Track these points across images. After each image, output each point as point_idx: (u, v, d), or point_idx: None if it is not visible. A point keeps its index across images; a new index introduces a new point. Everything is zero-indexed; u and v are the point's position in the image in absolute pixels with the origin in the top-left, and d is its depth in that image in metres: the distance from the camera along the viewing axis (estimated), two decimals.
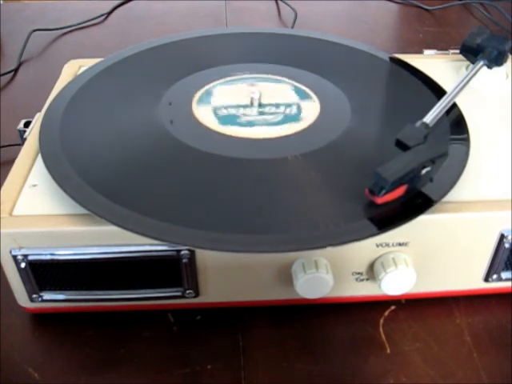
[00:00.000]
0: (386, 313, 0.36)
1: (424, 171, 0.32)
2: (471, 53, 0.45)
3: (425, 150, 0.32)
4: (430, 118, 0.36)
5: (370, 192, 0.31)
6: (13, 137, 0.49)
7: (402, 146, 0.33)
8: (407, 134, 0.34)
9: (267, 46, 0.49)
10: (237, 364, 0.33)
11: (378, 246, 0.33)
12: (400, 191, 0.31)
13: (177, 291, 0.34)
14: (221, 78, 0.44)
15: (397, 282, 0.33)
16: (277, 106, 0.40)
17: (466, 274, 0.35)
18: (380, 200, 0.31)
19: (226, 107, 0.40)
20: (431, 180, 0.33)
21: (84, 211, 0.31)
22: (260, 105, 0.40)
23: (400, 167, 0.31)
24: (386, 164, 0.31)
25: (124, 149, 0.36)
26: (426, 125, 0.35)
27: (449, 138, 0.37)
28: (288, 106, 0.40)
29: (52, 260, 0.32)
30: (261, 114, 0.39)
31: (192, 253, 0.32)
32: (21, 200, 0.33)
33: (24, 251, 0.32)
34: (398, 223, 0.30)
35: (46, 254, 0.32)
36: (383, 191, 0.30)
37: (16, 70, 0.65)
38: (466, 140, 0.37)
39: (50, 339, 0.34)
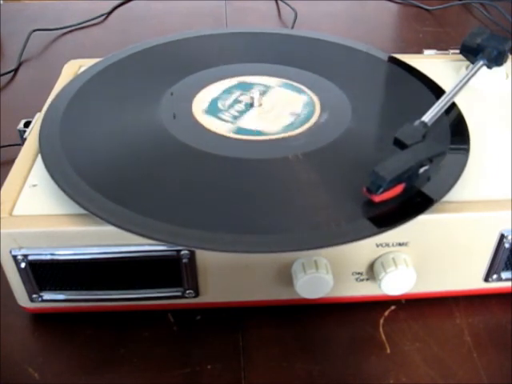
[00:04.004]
0: (386, 313, 0.36)
1: (422, 170, 0.32)
2: (471, 53, 0.45)
3: (422, 149, 0.32)
4: (428, 117, 0.36)
5: (368, 190, 0.31)
6: (13, 137, 0.49)
7: (400, 144, 0.33)
8: (405, 132, 0.34)
9: (267, 46, 0.49)
10: (237, 364, 0.33)
11: (378, 245, 0.33)
12: (398, 190, 0.31)
13: (177, 291, 0.34)
14: (220, 78, 0.44)
15: (397, 282, 0.33)
16: (277, 104, 0.40)
17: (466, 273, 0.35)
18: (377, 198, 0.31)
19: (226, 109, 0.40)
20: (429, 179, 0.33)
21: (84, 211, 0.31)
22: (261, 104, 0.40)
23: (397, 166, 0.31)
24: (384, 162, 0.31)
25: (124, 149, 0.36)
26: (424, 124, 0.35)
27: (448, 137, 0.37)
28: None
29: (52, 260, 0.32)
30: (263, 113, 0.40)
31: (192, 253, 0.32)
32: (21, 200, 0.33)
33: (24, 251, 0.32)
34: (398, 223, 0.30)
35: (46, 254, 0.32)
36: (381, 189, 0.30)
37: (16, 70, 0.65)
38: (466, 140, 0.37)
39: (50, 339, 0.34)
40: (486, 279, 0.35)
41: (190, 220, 0.30)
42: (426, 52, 0.52)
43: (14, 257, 0.32)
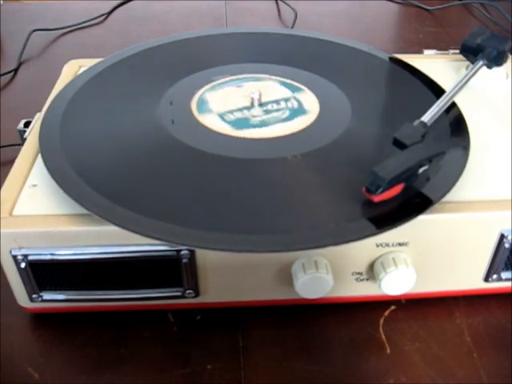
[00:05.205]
0: (386, 313, 0.36)
1: (421, 170, 0.32)
2: (471, 53, 0.45)
3: (422, 149, 0.32)
4: (427, 117, 0.36)
5: (367, 190, 0.31)
6: (13, 137, 0.49)
7: (399, 144, 0.33)
8: (405, 132, 0.34)
9: (267, 46, 0.49)
10: (237, 364, 0.33)
11: (378, 246, 0.33)
12: (397, 190, 0.31)
13: (177, 291, 0.34)
14: (220, 78, 0.44)
15: (397, 282, 0.33)
16: (277, 102, 0.40)
17: (466, 273, 0.35)
18: (377, 198, 0.31)
19: (229, 111, 0.40)
20: (428, 179, 0.33)
21: (84, 211, 0.31)
22: (261, 104, 0.40)
23: (397, 166, 0.31)
24: (383, 162, 0.31)
25: (124, 149, 0.36)
26: (423, 124, 0.35)
27: (448, 137, 0.37)
28: (287, 100, 0.40)
29: (52, 260, 0.32)
30: (266, 112, 0.40)
31: (192, 253, 0.32)
32: (21, 200, 0.33)
33: (24, 251, 0.32)
34: (398, 223, 0.30)
35: (45, 254, 0.32)
36: (380, 190, 0.30)
37: (16, 70, 0.65)
38: (466, 140, 0.37)
39: (50, 339, 0.34)
40: (486, 279, 0.35)
41: (189, 220, 0.30)
42: (426, 52, 0.52)
43: (14, 257, 0.32)
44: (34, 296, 0.34)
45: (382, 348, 0.34)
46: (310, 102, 0.41)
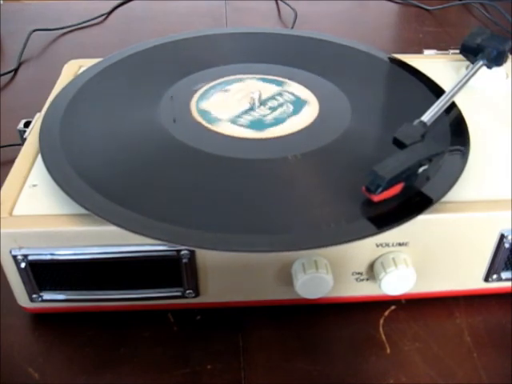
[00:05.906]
0: (386, 313, 0.36)
1: (421, 169, 0.32)
2: (471, 53, 0.45)
3: (421, 149, 0.32)
4: (427, 116, 0.36)
5: (367, 190, 0.31)
6: (13, 137, 0.49)
7: (399, 144, 0.33)
8: (404, 132, 0.34)
9: (267, 46, 0.49)
10: (237, 364, 0.33)
11: (378, 246, 0.33)
12: (397, 189, 0.31)
13: (177, 291, 0.34)
14: (220, 78, 0.44)
15: (397, 282, 0.33)
16: (274, 98, 0.40)
17: (466, 273, 0.35)
18: (376, 198, 0.31)
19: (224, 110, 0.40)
20: (428, 178, 0.33)
21: (84, 211, 0.31)
22: (261, 104, 0.40)
23: (396, 165, 0.31)
24: (383, 162, 0.31)
25: (124, 149, 0.36)
26: (423, 123, 0.35)
27: (448, 137, 0.37)
28: (287, 102, 0.40)
29: (52, 260, 0.32)
30: (272, 109, 0.40)
31: (192, 253, 0.32)
32: (21, 200, 0.33)
33: (24, 251, 0.32)
34: (398, 223, 0.30)
35: (45, 254, 0.32)
36: (380, 189, 0.30)
37: (16, 70, 0.65)
38: (466, 140, 0.37)
39: (50, 339, 0.34)
40: (486, 279, 0.35)
41: (190, 220, 0.30)
42: (426, 52, 0.52)
43: (14, 257, 0.32)
44: (34, 296, 0.34)
45: (382, 348, 0.34)
46: (308, 98, 0.41)
